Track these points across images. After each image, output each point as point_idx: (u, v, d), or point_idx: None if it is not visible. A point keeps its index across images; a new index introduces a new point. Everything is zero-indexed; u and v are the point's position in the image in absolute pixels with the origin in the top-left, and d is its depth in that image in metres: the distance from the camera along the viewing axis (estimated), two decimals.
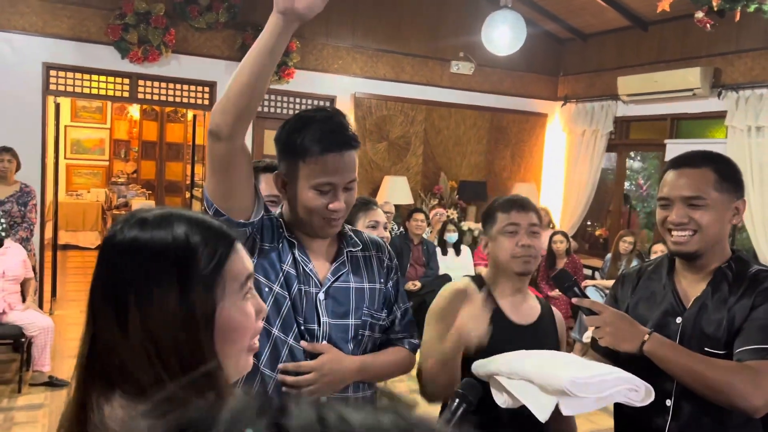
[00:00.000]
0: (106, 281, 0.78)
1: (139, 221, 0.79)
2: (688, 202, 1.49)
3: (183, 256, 0.76)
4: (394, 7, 6.92)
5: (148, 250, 0.76)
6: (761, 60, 5.72)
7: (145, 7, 5.74)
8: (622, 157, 7.34)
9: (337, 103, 6.74)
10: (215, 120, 1.29)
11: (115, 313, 0.75)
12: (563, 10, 7.09)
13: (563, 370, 1.28)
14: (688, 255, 1.52)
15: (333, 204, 1.39)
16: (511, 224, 1.70)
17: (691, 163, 1.52)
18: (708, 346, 1.45)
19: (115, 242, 0.78)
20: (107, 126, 10.33)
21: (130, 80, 5.98)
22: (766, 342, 1.37)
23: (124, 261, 0.77)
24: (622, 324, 1.44)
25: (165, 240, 0.77)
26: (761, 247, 5.61)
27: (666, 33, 6.55)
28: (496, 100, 7.51)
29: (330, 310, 1.46)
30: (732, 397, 1.34)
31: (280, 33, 1.29)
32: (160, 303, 0.75)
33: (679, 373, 1.39)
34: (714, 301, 1.48)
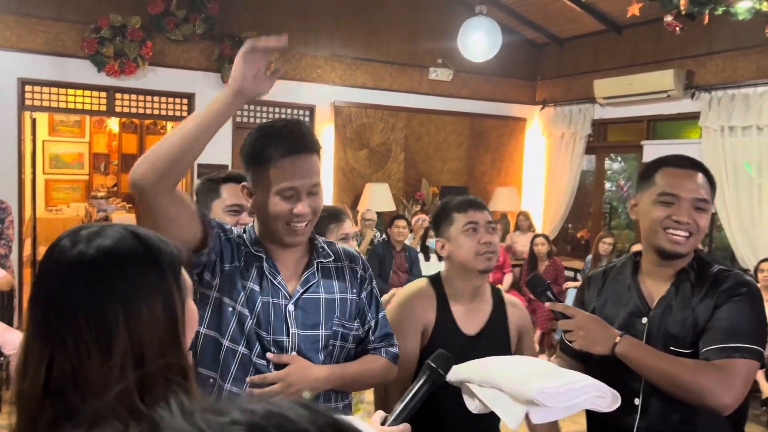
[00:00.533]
0: (79, 301, 0.74)
1: (93, 235, 0.77)
2: (696, 204, 1.50)
3: (154, 255, 0.77)
4: (372, 15, 6.96)
5: (123, 256, 0.75)
6: (732, 61, 5.84)
7: (120, 20, 5.72)
8: (600, 159, 7.43)
9: (316, 111, 6.76)
10: (137, 174, 1.25)
11: (96, 332, 0.72)
12: (539, 15, 7.18)
13: (532, 381, 1.30)
14: (680, 255, 1.54)
15: (296, 208, 1.40)
16: (470, 223, 1.77)
17: (690, 166, 1.55)
18: (673, 346, 1.48)
19: (76, 260, 0.75)
20: (86, 140, 10.25)
21: (107, 93, 5.95)
22: (730, 341, 1.40)
23: (101, 275, 0.74)
24: (595, 327, 1.46)
25: (132, 243, 0.77)
26: (738, 245, 5.70)
27: (640, 36, 6.65)
28: (475, 106, 7.57)
29: (300, 322, 1.46)
30: (702, 396, 1.37)
31: (229, 106, 1.32)
32: (149, 311, 0.74)
33: (650, 373, 1.42)
34: (678, 301, 1.51)
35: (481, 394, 1.40)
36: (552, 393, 1.27)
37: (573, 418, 4.53)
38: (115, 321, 0.73)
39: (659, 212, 1.52)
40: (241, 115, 6.49)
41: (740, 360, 1.38)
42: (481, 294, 1.86)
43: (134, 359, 0.73)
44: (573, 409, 1.33)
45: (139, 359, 0.73)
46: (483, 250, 1.76)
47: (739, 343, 1.39)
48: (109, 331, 0.73)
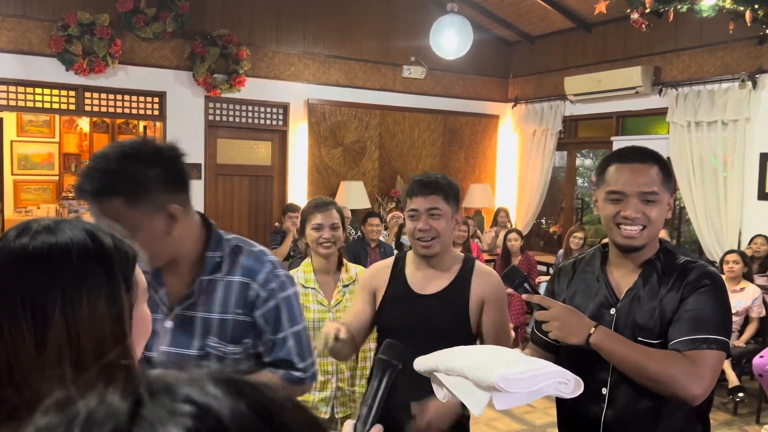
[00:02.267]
0: (18, 287, 0.73)
1: (44, 229, 0.76)
2: (644, 197, 1.52)
3: (106, 256, 0.76)
4: (344, 13, 6.96)
5: (72, 254, 0.74)
6: (697, 58, 5.97)
7: (89, 18, 5.64)
8: (572, 155, 7.53)
9: (290, 109, 6.74)
10: None
11: (33, 319, 0.71)
12: (510, 13, 7.25)
13: (494, 367, 1.32)
14: (636, 249, 1.56)
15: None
16: (411, 210, 1.90)
17: (640, 159, 1.55)
18: (641, 336, 1.50)
19: (20, 252, 0.74)
20: (56, 140, 10.06)
21: (76, 92, 5.86)
22: (698, 332, 1.42)
23: (42, 264, 0.74)
24: (570, 318, 1.47)
25: (84, 240, 0.76)
26: (704, 237, 5.83)
27: (608, 34, 6.76)
28: (448, 103, 7.62)
29: (172, 339, 1.44)
30: (672, 388, 1.40)
31: None
32: (91, 306, 0.73)
33: (622, 364, 1.44)
34: (645, 292, 1.53)
35: (447, 382, 1.42)
36: (513, 379, 1.29)
37: (545, 410, 4.60)
38: (52, 310, 0.72)
39: (610, 209, 1.55)
40: (214, 113, 6.44)
41: (708, 351, 1.41)
42: (438, 264, 1.94)
43: (71, 353, 0.71)
44: (536, 395, 1.35)
45: (76, 354, 0.71)
46: (418, 235, 1.88)
47: (706, 334, 1.41)
48: (45, 320, 0.71)
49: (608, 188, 1.55)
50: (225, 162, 6.60)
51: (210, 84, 6.21)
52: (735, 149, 5.59)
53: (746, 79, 5.45)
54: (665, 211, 1.55)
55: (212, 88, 6.23)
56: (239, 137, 6.68)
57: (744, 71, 5.51)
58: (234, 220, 6.63)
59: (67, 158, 10.33)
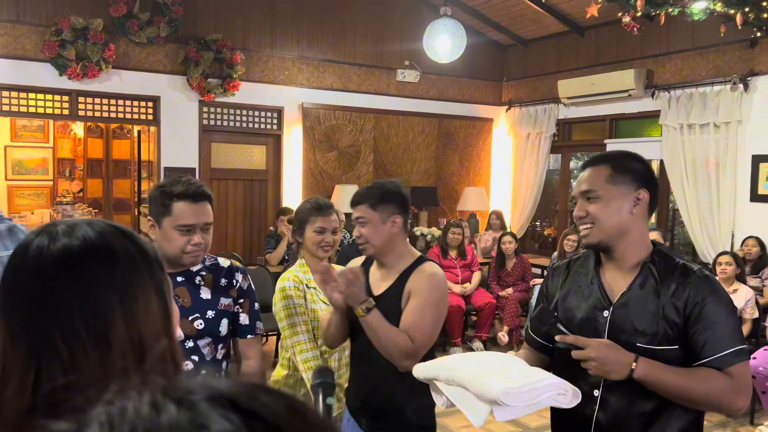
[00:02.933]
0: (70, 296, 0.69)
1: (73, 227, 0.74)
2: (585, 196, 1.58)
3: (146, 254, 0.75)
4: (337, 17, 6.98)
5: (120, 254, 0.72)
6: (689, 61, 6.00)
7: (82, 23, 5.64)
8: (566, 158, 7.56)
9: (285, 113, 6.75)
10: None
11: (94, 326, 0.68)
12: (503, 17, 7.28)
13: (496, 381, 1.34)
14: (593, 246, 1.60)
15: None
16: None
17: (593, 162, 1.62)
18: (640, 342, 1.49)
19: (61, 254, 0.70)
20: (50, 145, 10.04)
21: (69, 97, 5.86)
22: (727, 348, 1.45)
23: (93, 267, 0.71)
24: (608, 354, 1.45)
25: (125, 243, 0.74)
26: (697, 239, 5.86)
27: (601, 37, 6.80)
28: (442, 107, 7.64)
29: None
30: (719, 406, 1.47)
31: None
32: (145, 304, 0.72)
33: (667, 390, 1.45)
34: (642, 297, 1.53)
35: (448, 392, 1.45)
36: (515, 393, 1.31)
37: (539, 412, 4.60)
38: (112, 314, 0.69)
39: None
40: (208, 117, 6.45)
41: (741, 364, 1.45)
42: (384, 264, 2.12)
43: (135, 355, 0.69)
44: (535, 407, 1.37)
45: (139, 355, 0.69)
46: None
47: (733, 347, 1.45)
48: (106, 325, 0.68)
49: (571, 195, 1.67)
50: (219, 166, 6.60)
51: (204, 88, 6.21)
52: (727, 151, 5.62)
53: (738, 81, 5.49)
54: (619, 206, 1.54)
55: (206, 93, 6.23)
56: (233, 141, 6.68)
57: (735, 74, 5.55)
58: (229, 225, 6.62)
59: (61, 163, 10.30)
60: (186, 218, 1.80)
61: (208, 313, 1.88)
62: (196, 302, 1.88)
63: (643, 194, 1.56)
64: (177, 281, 1.87)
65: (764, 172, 5.46)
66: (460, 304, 5.73)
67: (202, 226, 1.84)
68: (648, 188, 1.58)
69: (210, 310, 1.89)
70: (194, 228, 1.81)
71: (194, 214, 1.80)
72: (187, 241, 1.81)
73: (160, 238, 1.83)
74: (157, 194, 1.82)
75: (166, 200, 1.80)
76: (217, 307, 1.90)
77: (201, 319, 1.87)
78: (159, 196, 1.81)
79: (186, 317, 1.85)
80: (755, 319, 4.63)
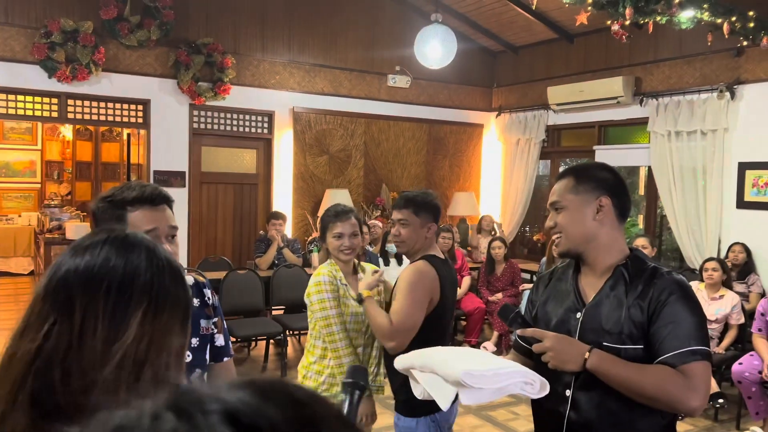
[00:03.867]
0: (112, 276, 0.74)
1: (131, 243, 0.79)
2: (554, 207, 1.67)
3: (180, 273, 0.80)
4: (328, 22, 7.00)
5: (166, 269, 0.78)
6: (677, 68, 6.07)
7: (72, 26, 5.62)
8: (555, 164, 7.61)
9: (275, 117, 6.75)
10: None
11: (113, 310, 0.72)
12: (494, 24, 7.33)
13: (461, 363, 1.37)
14: (564, 255, 1.66)
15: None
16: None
17: (561, 176, 1.71)
18: (606, 341, 1.53)
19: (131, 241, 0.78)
20: (38, 147, 9.98)
21: (58, 100, 5.83)
22: (684, 346, 1.46)
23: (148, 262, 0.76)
24: (563, 346, 1.51)
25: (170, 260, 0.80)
26: (685, 245, 5.91)
27: (590, 44, 6.86)
28: (433, 112, 7.67)
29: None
30: (671, 403, 1.45)
31: None
32: (169, 319, 0.76)
33: (619, 385, 1.47)
34: (611, 298, 1.57)
35: (420, 378, 1.50)
36: (478, 375, 1.34)
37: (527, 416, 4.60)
38: (136, 310, 0.73)
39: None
40: (198, 121, 6.43)
41: (697, 363, 1.45)
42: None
43: (135, 358, 0.71)
44: (501, 392, 1.41)
45: (141, 361, 0.72)
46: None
47: (692, 346, 1.45)
48: (125, 316, 0.72)
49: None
50: (209, 170, 6.58)
51: (194, 92, 6.20)
52: (714, 158, 5.68)
53: (725, 89, 5.56)
54: (583, 214, 1.60)
55: (197, 96, 6.22)
56: (224, 145, 6.66)
57: (722, 82, 5.62)
58: (218, 228, 6.60)
59: (49, 166, 10.24)
60: (146, 225, 1.45)
61: (192, 342, 1.58)
62: None
63: (605, 200, 1.60)
64: None
65: (750, 179, 5.52)
66: None
67: (168, 232, 1.49)
68: (611, 195, 1.61)
69: (194, 338, 1.59)
70: (157, 233, 1.46)
71: (154, 219, 1.46)
72: None
73: None
74: (105, 206, 1.47)
75: (119, 210, 1.45)
76: (200, 333, 1.63)
77: (187, 350, 1.70)
78: (108, 208, 1.46)
79: None
80: (741, 324, 4.68)
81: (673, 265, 6.49)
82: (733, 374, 4.28)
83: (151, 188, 1.50)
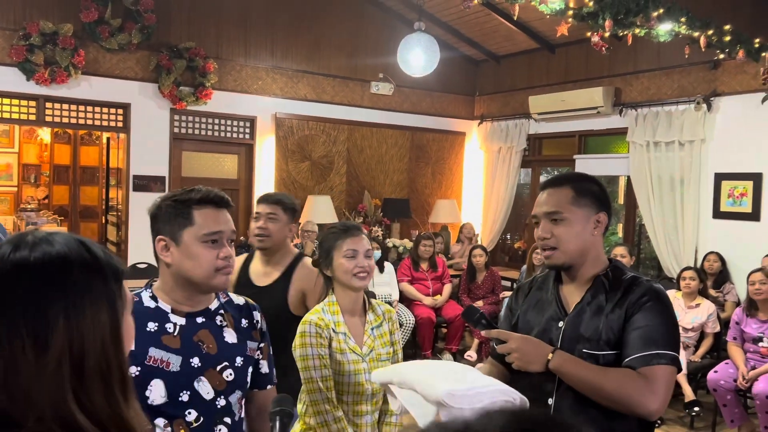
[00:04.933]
0: (20, 299, 0.74)
1: (42, 240, 0.79)
2: (550, 217, 1.61)
3: (101, 267, 0.80)
4: (312, 28, 7.00)
5: (74, 264, 0.77)
6: (656, 80, 6.16)
7: (51, 28, 5.55)
8: (536, 173, 7.67)
9: (257, 123, 6.72)
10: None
11: (33, 329, 0.73)
12: (476, 33, 7.38)
13: (442, 382, 1.36)
14: (557, 267, 1.65)
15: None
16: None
17: (554, 184, 1.66)
18: (587, 348, 1.56)
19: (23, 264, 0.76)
20: (15, 150, 9.82)
21: (36, 102, 5.75)
22: (648, 348, 1.48)
23: (44, 276, 0.76)
24: (527, 347, 1.54)
25: (82, 253, 0.79)
26: (662, 254, 5.98)
27: (571, 55, 6.94)
28: (416, 120, 7.70)
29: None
30: (629, 405, 1.46)
31: None
32: (93, 314, 0.76)
33: (580, 385, 1.50)
34: (591, 307, 1.60)
35: (400, 395, 1.48)
36: (459, 395, 1.33)
37: None
38: (56, 320, 0.74)
39: (535, 234, 1.67)
40: (179, 126, 6.38)
41: (660, 367, 1.46)
42: (275, 261, 2.63)
43: (72, 361, 0.73)
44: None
45: (78, 362, 0.74)
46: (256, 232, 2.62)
47: (656, 350, 1.47)
48: (47, 329, 0.73)
49: (532, 214, 1.70)
50: (190, 175, 6.52)
51: (176, 96, 6.15)
52: (691, 169, 5.77)
53: (702, 101, 5.65)
54: (584, 229, 1.60)
55: (178, 101, 6.18)
56: (205, 150, 6.62)
57: (700, 94, 5.72)
58: None
59: (26, 169, 10.08)
60: (212, 225, 1.51)
61: (237, 361, 1.56)
62: (222, 348, 1.54)
63: (603, 217, 1.64)
64: (197, 323, 1.54)
65: (726, 189, 5.62)
66: (430, 316, 5.75)
67: (229, 235, 1.55)
68: (606, 211, 1.65)
69: (239, 356, 1.57)
70: (222, 237, 1.52)
71: (220, 221, 1.53)
72: (216, 254, 1.50)
73: (179, 258, 1.50)
74: (170, 205, 1.53)
75: (184, 209, 1.51)
76: (245, 353, 1.59)
77: (230, 368, 1.54)
78: (174, 207, 1.52)
79: (212, 367, 1.51)
80: (716, 333, 4.75)
81: (651, 273, 6.57)
82: (708, 382, 4.34)
83: (215, 191, 1.58)
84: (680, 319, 4.82)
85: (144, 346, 1.46)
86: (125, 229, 6.24)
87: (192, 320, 1.53)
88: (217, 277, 1.50)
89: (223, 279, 1.52)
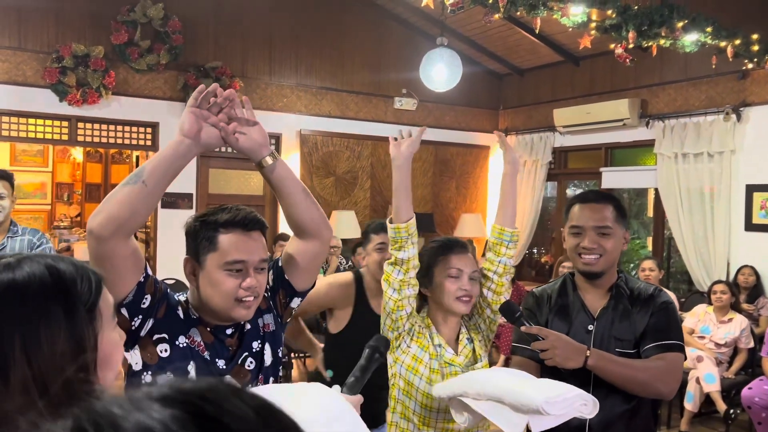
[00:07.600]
0: None
1: (4, 267, 0.77)
2: (598, 231, 1.82)
3: (65, 288, 0.77)
4: (335, 45, 7.08)
5: (29, 291, 0.75)
6: (683, 91, 6.08)
7: (83, 50, 5.72)
8: (562, 186, 7.59)
9: (282, 140, 6.80)
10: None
11: None
12: (499, 47, 7.38)
13: (535, 392, 1.43)
14: (595, 274, 1.85)
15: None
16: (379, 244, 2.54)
17: (597, 200, 1.87)
18: (619, 347, 1.79)
19: None
20: (49, 169, 10.10)
21: (69, 123, 5.91)
22: (663, 339, 1.76)
23: (1, 308, 0.74)
24: (566, 345, 1.69)
25: (43, 275, 0.76)
26: (693, 268, 5.85)
27: (596, 67, 6.89)
28: (439, 134, 7.70)
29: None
30: (656, 387, 1.72)
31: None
32: (49, 343, 0.73)
33: (614, 378, 1.70)
34: (619, 311, 1.83)
35: (478, 407, 1.51)
36: (554, 402, 1.41)
37: None
38: (11, 351, 0.72)
39: (572, 241, 1.86)
40: None
41: (674, 353, 1.74)
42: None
43: (38, 387, 0.72)
44: (565, 417, 1.47)
45: (43, 388, 0.72)
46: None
47: (669, 340, 1.75)
48: (4, 359, 0.72)
49: (570, 224, 1.87)
50: (216, 192, 6.62)
51: None
52: (721, 180, 5.65)
53: (730, 112, 5.55)
54: (620, 244, 1.85)
55: None
56: (231, 167, 6.72)
57: (728, 104, 5.61)
58: None
59: (59, 187, 10.34)
60: (235, 253, 1.40)
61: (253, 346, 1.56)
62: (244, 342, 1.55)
63: (627, 235, 1.90)
64: (227, 333, 1.48)
65: (758, 201, 5.49)
66: None
67: (257, 264, 1.43)
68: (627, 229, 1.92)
69: (280, 348, 1.62)
70: (246, 266, 1.40)
71: (246, 248, 1.41)
72: (238, 284, 1.39)
73: (202, 283, 1.42)
74: (197, 225, 1.44)
75: (210, 232, 1.41)
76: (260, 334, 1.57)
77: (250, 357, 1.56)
78: (200, 228, 1.43)
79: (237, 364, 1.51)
80: (750, 348, 4.61)
81: (682, 288, 6.43)
82: (742, 399, 4.21)
83: (244, 212, 1.47)
84: (712, 334, 4.69)
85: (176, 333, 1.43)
86: (153, 246, 6.34)
87: (220, 332, 1.49)
88: (237, 309, 1.40)
89: (243, 312, 1.41)
